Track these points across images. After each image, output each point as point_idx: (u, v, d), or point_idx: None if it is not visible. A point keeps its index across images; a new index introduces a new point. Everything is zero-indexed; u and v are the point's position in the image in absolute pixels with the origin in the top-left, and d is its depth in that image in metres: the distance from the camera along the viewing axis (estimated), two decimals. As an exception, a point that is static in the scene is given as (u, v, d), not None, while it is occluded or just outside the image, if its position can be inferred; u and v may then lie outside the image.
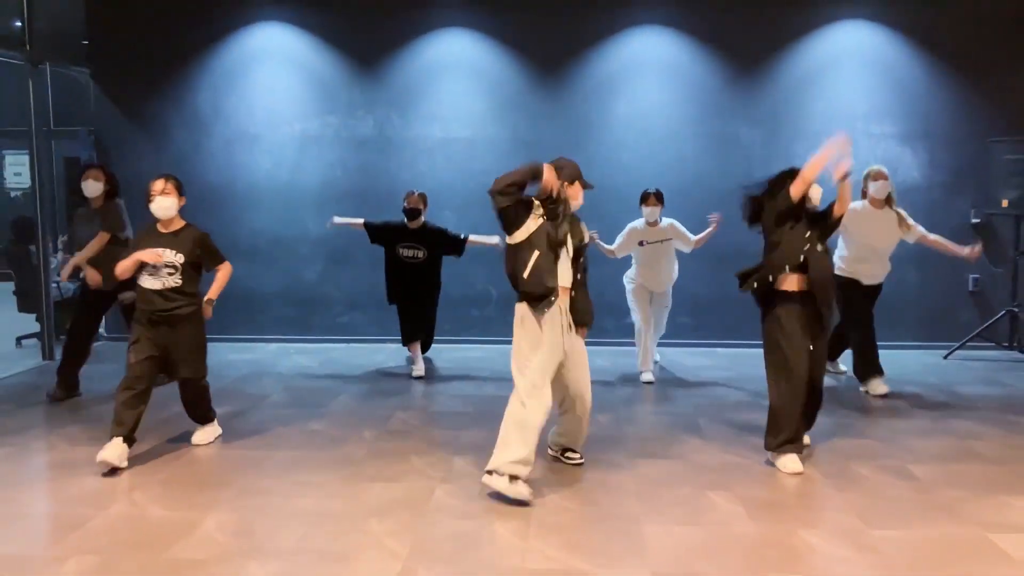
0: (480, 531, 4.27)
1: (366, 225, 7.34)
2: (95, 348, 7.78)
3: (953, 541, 4.16)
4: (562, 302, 4.78)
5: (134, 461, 5.22)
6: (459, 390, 7.05)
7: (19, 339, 8.48)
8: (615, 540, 4.19)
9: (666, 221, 7.05)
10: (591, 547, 4.10)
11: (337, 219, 7.41)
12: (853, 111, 8.46)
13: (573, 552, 4.04)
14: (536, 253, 4.62)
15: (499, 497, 4.62)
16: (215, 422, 5.71)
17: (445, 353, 8.34)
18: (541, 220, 4.69)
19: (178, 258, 5.23)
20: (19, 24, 7.87)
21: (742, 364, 7.78)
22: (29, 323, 8.60)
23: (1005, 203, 8.02)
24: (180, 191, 5.38)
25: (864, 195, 6.66)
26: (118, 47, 8.70)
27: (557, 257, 4.71)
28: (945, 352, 8.22)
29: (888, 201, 6.64)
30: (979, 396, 6.84)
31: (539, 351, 4.66)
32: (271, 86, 8.74)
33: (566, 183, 4.75)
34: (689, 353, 8.31)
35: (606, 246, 7.09)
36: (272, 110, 8.74)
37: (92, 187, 6.58)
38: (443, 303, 7.82)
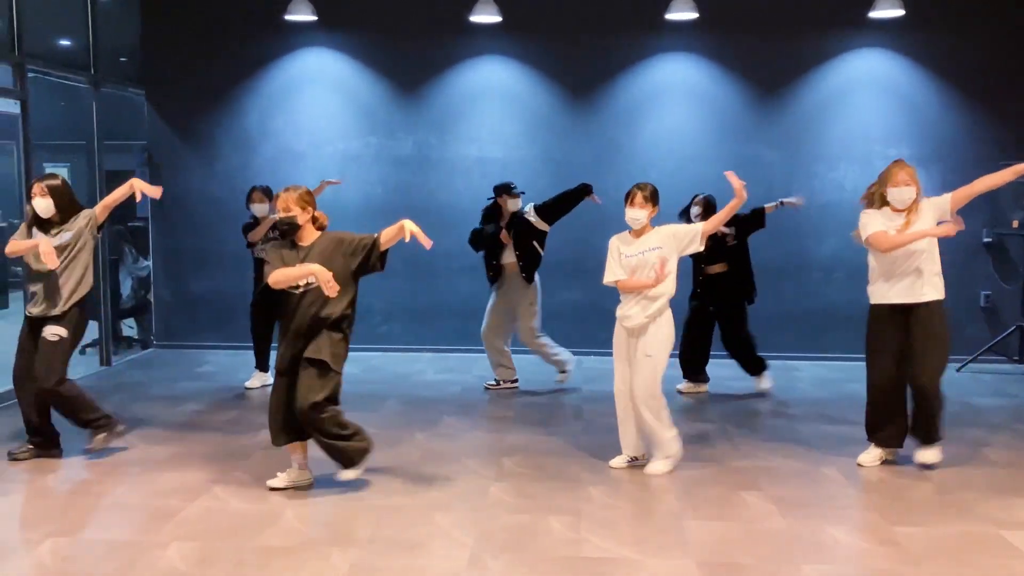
0: (536, 524, 4.69)
1: None
2: (144, 356, 8.20)
3: (967, 536, 4.57)
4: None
5: (209, 458, 5.67)
6: (496, 396, 7.46)
7: (83, 347, 8.86)
8: (660, 533, 4.62)
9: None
10: (638, 539, 4.53)
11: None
12: (869, 134, 8.88)
13: (622, 544, 4.46)
14: None
15: (550, 494, 5.05)
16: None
17: (482, 362, 8.72)
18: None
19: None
20: (82, 45, 8.33)
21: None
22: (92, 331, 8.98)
23: (1015, 224, 8.45)
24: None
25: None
26: (171, 68, 9.15)
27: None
28: (958, 365, 8.59)
29: None
30: (989, 407, 7.24)
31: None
32: (316, 107, 9.17)
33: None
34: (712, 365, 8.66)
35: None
36: (316, 130, 9.17)
37: (259, 209, 7.47)
38: (481, 314, 8.18)
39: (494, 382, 7.68)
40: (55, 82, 8.21)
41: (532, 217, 7.36)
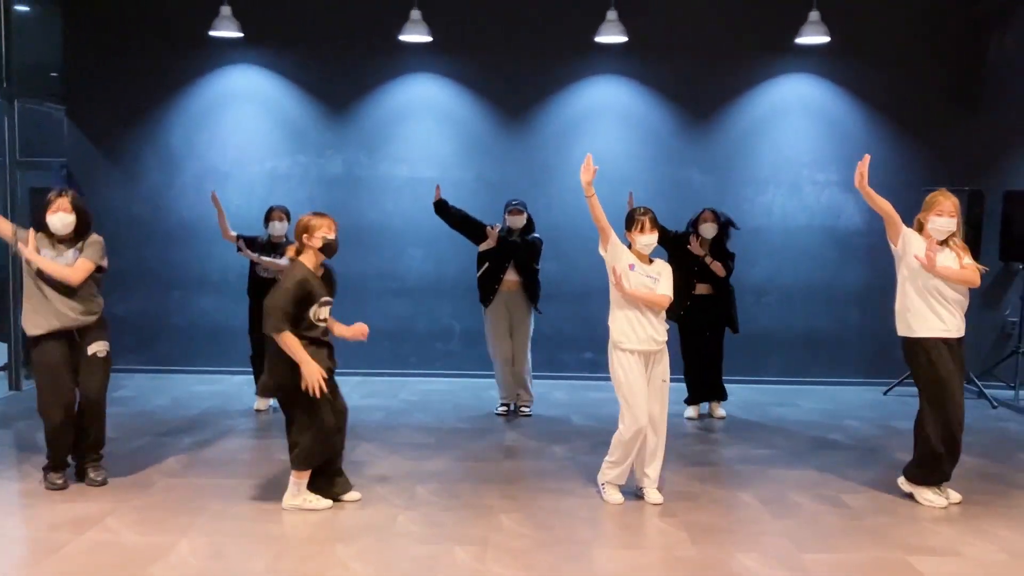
0: (440, 556, 4.55)
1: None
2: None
3: (877, 563, 4.52)
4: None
5: (108, 488, 5.44)
6: (421, 422, 7.30)
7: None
8: (568, 562, 4.49)
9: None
10: (546, 569, 4.40)
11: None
12: (799, 159, 8.92)
13: (529, 574, 4.33)
14: None
15: (459, 524, 4.91)
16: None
17: (410, 385, 8.60)
18: None
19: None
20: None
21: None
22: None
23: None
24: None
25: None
26: (92, 83, 8.91)
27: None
28: (889, 391, 8.61)
29: None
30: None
31: None
32: (242, 125, 8.99)
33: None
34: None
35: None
36: (243, 148, 8.99)
37: (278, 228, 7.28)
38: (410, 337, 8.07)
39: (526, 408, 7.49)
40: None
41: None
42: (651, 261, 5.36)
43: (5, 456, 6.16)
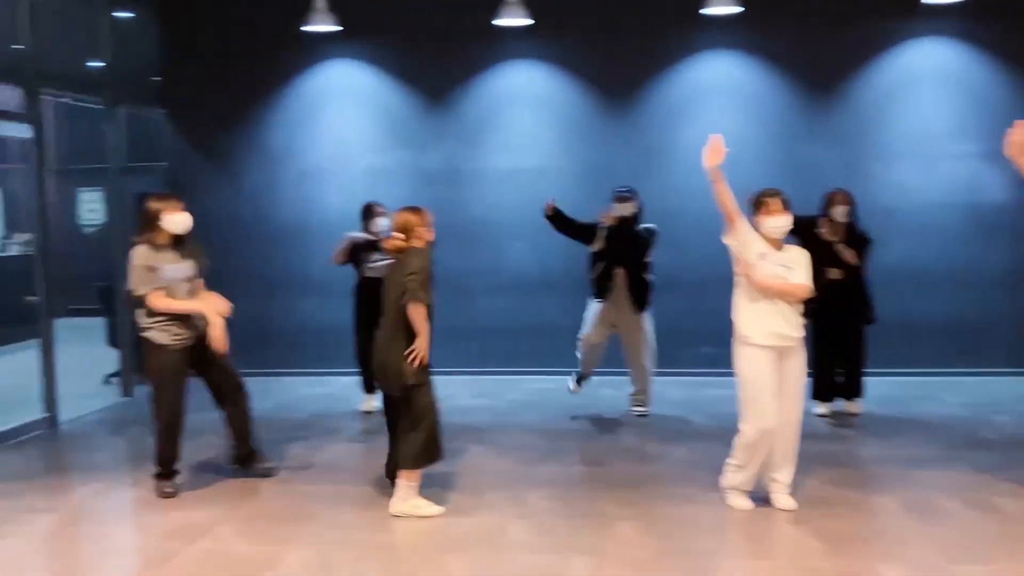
0: (555, 568, 4.46)
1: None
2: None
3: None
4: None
5: (216, 497, 5.56)
6: (532, 423, 7.24)
7: (107, 377, 8.89)
8: (692, 574, 4.35)
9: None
10: (666, 582, 4.28)
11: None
12: (934, 130, 8.48)
13: (648, 587, 4.21)
14: None
15: (574, 533, 4.81)
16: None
17: (520, 385, 8.55)
18: None
19: None
20: (97, 66, 8.37)
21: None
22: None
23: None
24: None
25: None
26: (192, 87, 9.15)
27: None
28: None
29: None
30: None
31: None
32: (341, 122, 9.09)
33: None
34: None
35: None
36: (342, 145, 9.09)
37: (382, 224, 7.14)
38: (518, 334, 7.97)
39: (641, 408, 7.36)
40: (74, 106, 8.26)
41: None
42: (783, 248, 5.12)
43: (119, 462, 6.38)
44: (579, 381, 7.47)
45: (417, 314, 5.00)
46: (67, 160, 13.41)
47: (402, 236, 5.16)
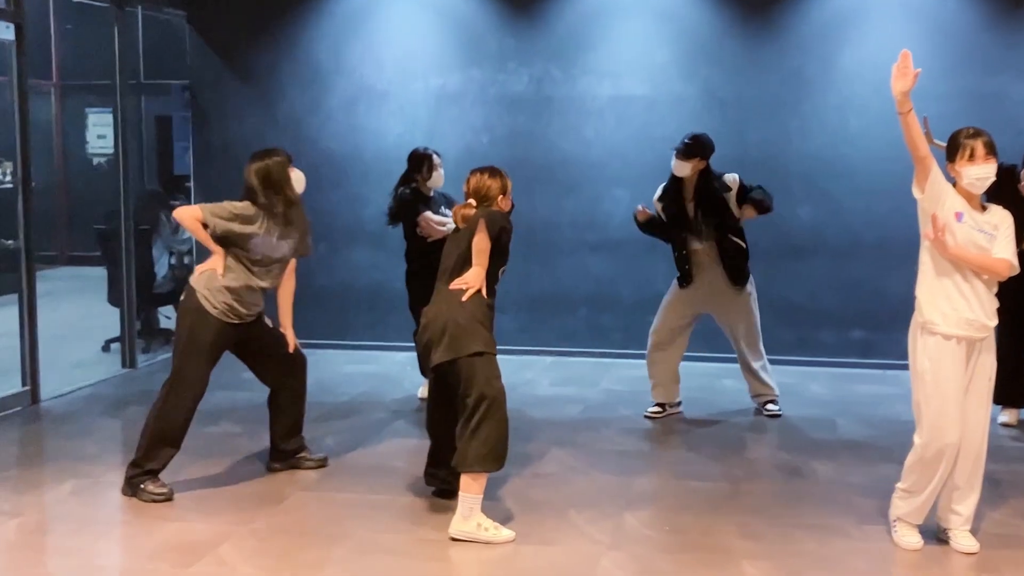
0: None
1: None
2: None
3: None
4: None
5: (228, 502, 5.33)
6: (629, 421, 6.98)
7: (106, 343, 8.78)
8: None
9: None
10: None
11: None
12: None
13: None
14: None
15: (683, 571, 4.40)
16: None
17: (615, 370, 8.30)
18: None
19: None
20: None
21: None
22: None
23: None
24: None
25: None
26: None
27: None
28: None
29: None
30: None
31: None
32: (403, 32, 8.93)
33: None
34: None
35: None
36: (404, 62, 8.94)
37: (439, 179, 7.05)
38: (614, 305, 7.64)
39: (773, 407, 7.11)
40: (79, 3, 8.10)
41: (732, 191, 6.75)
42: (984, 208, 4.74)
43: (107, 452, 6.23)
44: (662, 405, 7.14)
45: (482, 241, 4.92)
46: (73, 74, 13.35)
47: (474, 204, 5.10)
